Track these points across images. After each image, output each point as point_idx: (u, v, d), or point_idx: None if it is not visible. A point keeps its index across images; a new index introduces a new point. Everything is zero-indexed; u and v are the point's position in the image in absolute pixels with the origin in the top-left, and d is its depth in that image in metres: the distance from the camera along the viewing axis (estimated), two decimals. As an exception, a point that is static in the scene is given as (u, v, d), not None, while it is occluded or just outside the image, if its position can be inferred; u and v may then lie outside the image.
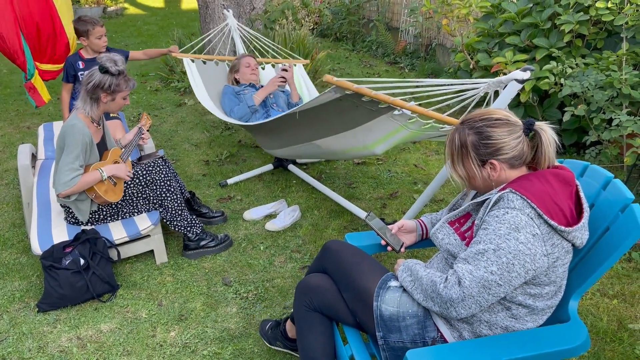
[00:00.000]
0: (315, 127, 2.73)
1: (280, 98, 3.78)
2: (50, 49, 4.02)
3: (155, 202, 2.79)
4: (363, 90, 2.11)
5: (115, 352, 2.24)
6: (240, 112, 3.55)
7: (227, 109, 3.65)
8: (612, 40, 3.69)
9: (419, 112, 2.17)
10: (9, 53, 3.72)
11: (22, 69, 3.88)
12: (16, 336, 2.34)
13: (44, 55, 4.00)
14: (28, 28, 3.82)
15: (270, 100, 3.71)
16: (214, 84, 3.96)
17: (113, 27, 9.40)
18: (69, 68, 3.57)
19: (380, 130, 2.44)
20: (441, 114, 2.24)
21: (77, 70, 3.58)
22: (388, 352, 1.65)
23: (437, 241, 1.67)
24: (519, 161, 1.54)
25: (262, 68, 4.23)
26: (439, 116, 2.19)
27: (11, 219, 3.31)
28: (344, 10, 7.97)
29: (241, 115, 3.54)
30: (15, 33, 3.68)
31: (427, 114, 2.18)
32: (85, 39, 3.50)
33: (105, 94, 2.57)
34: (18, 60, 3.78)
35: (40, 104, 4.04)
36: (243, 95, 3.67)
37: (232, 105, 3.63)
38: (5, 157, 4.20)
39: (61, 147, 2.54)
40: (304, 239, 3.05)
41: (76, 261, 2.50)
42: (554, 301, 1.56)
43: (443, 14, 4.42)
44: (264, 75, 4.21)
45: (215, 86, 3.96)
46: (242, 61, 3.90)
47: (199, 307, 2.51)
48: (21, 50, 3.76)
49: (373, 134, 2.49)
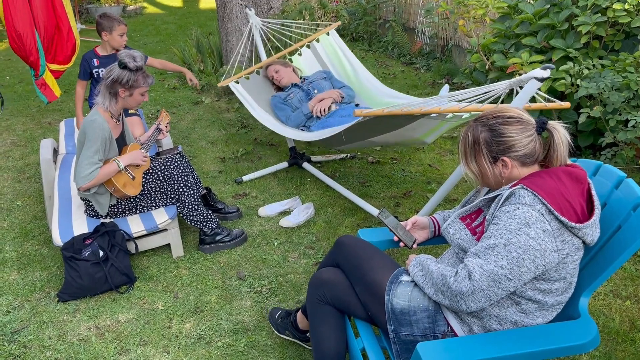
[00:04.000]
0: (370, 131, 2.86)
1: (322, 86, 3.81)
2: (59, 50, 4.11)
3: (173, 196, 2.85)
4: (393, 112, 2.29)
5: (133, 342, 2.30)
6: (296, 120, 3.64)
7: (284, 119, 3.72)
8: (630, 42, 3.67)
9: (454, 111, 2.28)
10: (23, 51, 3.82)
11: (33, 67, 3.97)
12: (37, 324, 2.41)
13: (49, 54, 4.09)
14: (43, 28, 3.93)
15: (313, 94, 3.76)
16: (263, 96, 3.95)
17: (132, 26, 9.53)
18: (85, 65, 3.65)
19: (424, 127, 2.70)
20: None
21: (92, 68, 3.64)
22: (399, 345, 1.68)
23: (448, 236, 1.70)
24: (531, 159, 1.56)
25: (299, 54, 4.19)
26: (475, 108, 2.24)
27: (33, 211, 3.39)
28: (360, 10, 7.99)
29: (298, 123, 3.63)
30: (31, 32, 3.79)
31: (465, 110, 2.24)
32: (108, 34, 3.57)
33: (123, 89, 2.63)
34: (31, 58, 3.88)
35: (52, 99, 4.14)
36: (290, 101, 3.74)
37: (287, 114, 3.70)
38: (27, 152, 4.30)
39: (82, 141, 2.61)
40: (318, 235, 3.08)
41: (95, 253, 2.56)
42: (564, 297, 1.58)
43: (459, 14, 4.43)
44: (304, 60, 4.17)
45: (265, 95, 3.96)
46: (268, 73, 3.99)
47: (213, 300, 2.56)
48: (35, 48, 3.86)
49: (420, 129, 2.75)
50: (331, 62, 4.15)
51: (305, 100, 3.73)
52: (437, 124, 2.65)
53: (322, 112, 3.59)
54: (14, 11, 3.69)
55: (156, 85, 6.04)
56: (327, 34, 4.15)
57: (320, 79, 3.88)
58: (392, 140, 3.01)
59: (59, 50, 4.13)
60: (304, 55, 4.19)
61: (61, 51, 4.14)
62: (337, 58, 4.13)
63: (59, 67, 4.17)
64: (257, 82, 4.01)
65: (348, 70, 4.05)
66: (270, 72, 3.96)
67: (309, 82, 3.86)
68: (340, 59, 4.11)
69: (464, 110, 2.22)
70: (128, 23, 9.84)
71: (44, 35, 3.95)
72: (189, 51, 6.17)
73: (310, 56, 4.20)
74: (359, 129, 2.78)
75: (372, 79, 3.92)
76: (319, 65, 4.18)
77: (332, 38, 4.15)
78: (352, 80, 4.00)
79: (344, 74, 4.06)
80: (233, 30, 5.37)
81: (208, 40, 6.16)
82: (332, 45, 4.15)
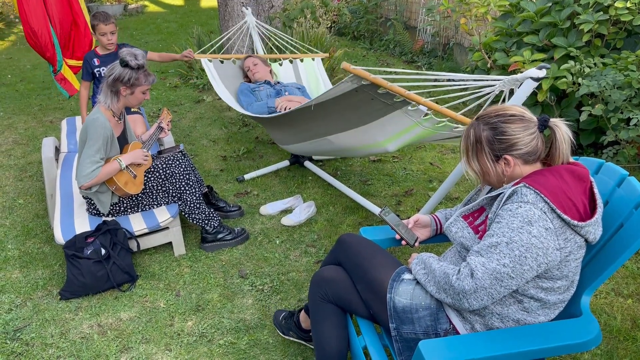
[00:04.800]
0: (330, 121, 2.77)
1: (294, 94, 3.83)
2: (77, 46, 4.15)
3: (175, 195, 2.85)
4: (379, 80, 2.14)
5: (135, 340, 2.30)
6: (259, 109, 3.61)
7: (245, 104, 3.71)
8: (632, 41, 3.67)
9: (433, 108, 2.19)
10: (39, 46, 3.87)
11: (51, 62, 4.02)
12: (39, 322, 2.41)
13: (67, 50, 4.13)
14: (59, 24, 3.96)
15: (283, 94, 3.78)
16: (232, 81, 4.04)
17: (133, 25, 9.53)
18: (86, 65, 3.64)
19: (393, 126, 2.47)
20: (456, 112, 2.26)
21: (93, 67, 3.63)
22: (401, 343, 1.68)
23: (450, 234, 1.70)
24: (533, 157, 1.56)
25: (280, 64, 4.27)
26: (452, 114, 2.21)
27: (35, 209, 3.40)
28: (362, 9, 7.99)
29: (260, 112, 3.60)
30: (46, 28, 3.83)
31: (442, 111, 2.20)
32: (95, 34, 3.58)
33: (124, 87, 2.63)
34: (48, 53, 3.93)
35: (73, 92, 4.23)
36: (258, 92, 3.75)
37: (251, 101, 3.69)
38: (29, 150, 4.31)
39: (83, 140, 2.61)
40: (319, 234, 3.09)
41: (97, 251, 2.56)
42: (566, 296, 1.58)
43: (461, 13, 4.42)
44: (281, 71, 4.26)
45: (234, 83, 4.03)
46: (244, 64, 4.08)
47: (215, 298, 2.56)
48: (51, 43, 3.90)
49: (386, 130, 2.52)
50: (308, 81, 4.23)
51: (273, 97, 3.74)
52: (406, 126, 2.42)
53: (287, 109, 3.53)
54: (28, 9, 3.74)
55: (158, 84, 6.05)
56: (312, 59, 4.26)
57: (294, 87, 3.92)
58: (354, 141, 2.80)
59: (77, 45, 4.18)
60: (284, 66, 4.29)
61: (79, 47, 4.20)
62: (315, 81, 4.21)
63: (77, 62, 4.22)
64: (230, 69, 4.10)
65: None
66: (248, 62, 4.02)
67: (282, 85, 3.92)
68: (319, 83, 4.19)
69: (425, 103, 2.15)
70: (129, 22, 9.87)
71: (59, 31, 4.01)
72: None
73: (289, 69, 4.29)
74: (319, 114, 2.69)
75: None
76: (295, 79, 4.26)
77: (315, 64, 4.25)
78: None
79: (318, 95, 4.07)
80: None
81: (209, 38, 6.16)
82: (314, 70, 4.24)
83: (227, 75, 4.05)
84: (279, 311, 2.32)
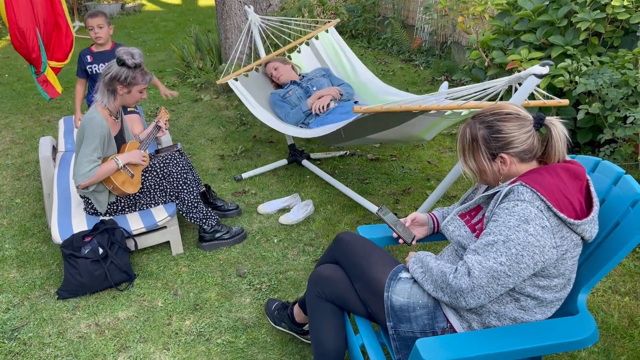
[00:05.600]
0: (368, 128, 2.87)
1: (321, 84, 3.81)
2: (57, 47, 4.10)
3: (172, 194, 2.85)
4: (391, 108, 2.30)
5: (132, 339, 2.30)
6: (296, 117, 3.63)
7: (283, 117, 3.72)
8: (629, 39, 3.67)
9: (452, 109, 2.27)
10: (25, 48, 3.79)
11: (35, 64, 3.95)
12: (37, 322, 2.41)
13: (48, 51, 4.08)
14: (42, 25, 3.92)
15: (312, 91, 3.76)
16: (262, 91, 3.95)
17: (131, 24, 9.52)
18: (80, 62, 3.67)
19: (423, 124, 2.72)
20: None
21: (86, 64, 3.66)
22: (398, 341, 1.68)
23: (447, 233, 1.70)
24: (529, 155, 1.56)
25: (298, 52, 4.18)
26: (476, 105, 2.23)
27: (32, 209, 3.39)
28: (359, 7, 7.99)
29: (297, 120, 3.62)
30: (33, 29, 3.78)
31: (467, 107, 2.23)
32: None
33: (121, 86, 2.62)
34: (33, 55, 3.85)
35: (54, 95, 4.13)
36: (289, 98, 3.74)
37: (286, 111, 3.69)
38: (26, 150, 4.30)
39: (81, 139, 2.61)
40: (317, 232, 3.09)
41: (95, 250, 2.56)
42: (563, 294, 1.58)
43: (458, 11, 4.42)
44: (303, 57, 4.16)
45: (264, 92, 3.96)
46: (266, 71, 4.00)
47: (213, 297, 2.56)
48: (37, 45, 3.85)
49: (417, 127, 2.78)
50: (330, 59, 4.14)
51: (304, 98, 3.73)
52: (435, 120, 2.64)
53: (320, 109, 3.58)
54: (17, 8, 3.68)
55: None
56: (326, 31, 4.14)
57: (319, 76, 3.88)
58: (391, 137, 3.01)
59: (57, 47, 4.11)
60: (303, 52, 4.18)
61: (59, 48, 4.12)
62: (336, 56, 4.12)
63: (57, 64, 4.15)
64: (256, 79, 4.00)
65: (347, 68, 4.04)
66: (269, 69, 3.96)
67: (307, 79, 3.86)
68: (339, 56, 4.10)
69: (463, 107, 2.22)
70: (127, 20, 9.85)
71: (43, 31, 3.94)
72: (188, 49, 6.16)
73: (309, 54, 4.19)
74: (357, 126, 2.78)
75: (370, 76, 3.91)
76: (318, 62, 4.17)
77: (331, 35, 4.14)
78: (351, 77, 4.00)
79: (342, 71, 4.05)
80: (232, 27, 5.36)
81: (207, 37, 6.15)
82: (331, 43, 4.14)
83: (256, 87, 3.94)
84: (271, 300, 2.32)
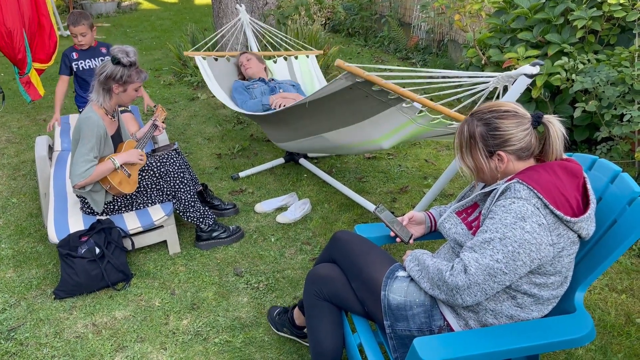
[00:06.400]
0: (324, 119, 2.76)
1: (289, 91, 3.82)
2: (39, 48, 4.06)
3: (169, 193, 2.84)
4: (373, 78, 2.14)
5: (130, 339, 2.29)
6: (253, 107, 3.60)
7: (239, 102, 3.70)
8: (625, 37, 3.68)
9: (428, 106, 2.19)
10: (12, 48, 3.74)
11: (19, 65, 3.91)
12: (33, 322, 2.40)
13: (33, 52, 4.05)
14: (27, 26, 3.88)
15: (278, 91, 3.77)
16: (226, 79, 4.03)
17: (127, 22, 9.49)
18: (65, 59, 3.64)
19: (388, 123, 2.47)
20: (450, 109, 2.25)
21: (71, 61, 3.65)
22: (395, 340, 1.68)
23: (444, 231, 1.70)
24: (527, 153, 1.56)
25: (274, 62, 4.26)
26: (447, 111, 2.21)
27: (28, 209, 3.38)
28: (356, 5, 7.98)
29: (254, 110, 3.59)
30: (20, 29, 3.74)
31: (436, 108, 2.20)
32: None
33: (117, 85, 2.61)
34: (19, 56, 3.81)
35: (36, 97, 4.10)
36: (252, 90, 3.74)
37: (245, 99, 3.69)
38: (22, 149, 4.29)
39: (77, 139, 2.60)
40: (314, 231, 3.08)
41: (92, 250, 2.55)
42: (560, 291, 1.59)
43: (455, 9, 4.42)
44: (275, 68, 4.25)
45: (228, 81, 4.02)
46: (238, 60, 4.07)
47: (210, 297, 2.56)
48: (24, 46, 3.80)
49: (381, 127, 2.52)
50: (302, 79, 4.23)
51: (267, 94, 3.74)
52: (397, 125, 2.45)
53: (281, 106, 3.48)
54: (5, 7, 3.63)
55: (152, 82, 6.02)
56: (307, 57, 4.26)
57: (289, 84, 3.92)
58: (348, 139, 2.80)
59: (39, 48, 4.05)
60: (278, 63, 4.28)
61: (42, 49, 4.06)
62: (309, 78, 4.21)
63: (40, 65, 4.11)
64: (224, 67, 4.09)
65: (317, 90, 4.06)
66: (242, 58, 4.03)
67: (276, 82, 3.91)
68: (312, 79, 4.21)
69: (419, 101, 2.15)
70: (123, 19, 9.82)
71: (28, 32, 3.89)
72: (184, 47, 6.15)
73: (284, 66, 4.28)
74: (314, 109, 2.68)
75: None
76: (290, 76, 4.26)
77: (310, 62, 4.25)
78: None
79: (312, 91, 4.06)
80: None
81: (204, 36, 6.14)
82: (308, 67, 4.24)
83: (221, 73, 4.04)
84: (273, 307, 2.32)
